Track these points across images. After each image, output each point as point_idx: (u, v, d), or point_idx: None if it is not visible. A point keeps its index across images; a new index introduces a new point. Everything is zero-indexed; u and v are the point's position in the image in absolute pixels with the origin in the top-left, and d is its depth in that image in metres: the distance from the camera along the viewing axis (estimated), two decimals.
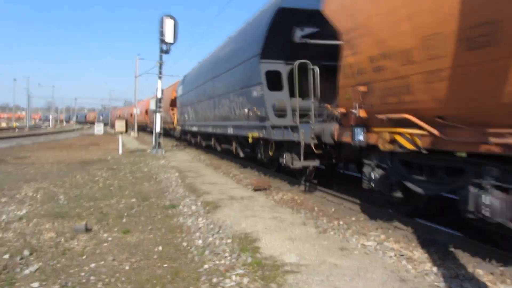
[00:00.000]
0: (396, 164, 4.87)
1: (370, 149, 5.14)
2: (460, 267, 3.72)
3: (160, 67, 18.00)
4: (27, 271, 3.48)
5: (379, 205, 5.85)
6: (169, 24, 16.63)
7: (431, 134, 3.98)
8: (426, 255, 4.02)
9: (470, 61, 3.42)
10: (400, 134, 4.35)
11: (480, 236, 4.37)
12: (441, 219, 5.29)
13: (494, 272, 3.58)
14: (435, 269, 3.62)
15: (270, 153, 8.69)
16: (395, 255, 3.99)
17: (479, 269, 3.65)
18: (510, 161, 3.49)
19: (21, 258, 3.78)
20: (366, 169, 5.39)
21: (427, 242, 4.44)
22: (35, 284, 3.22)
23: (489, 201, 3.51)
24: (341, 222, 5.37)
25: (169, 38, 16.73)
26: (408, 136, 4.26)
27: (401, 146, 4.34)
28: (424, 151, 4.17)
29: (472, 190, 3.70)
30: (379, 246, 4.26)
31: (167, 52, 17.21)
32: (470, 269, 3.66)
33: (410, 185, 4.66)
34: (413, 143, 4.20)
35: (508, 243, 3.97)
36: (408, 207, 5.34)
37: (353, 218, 5.63)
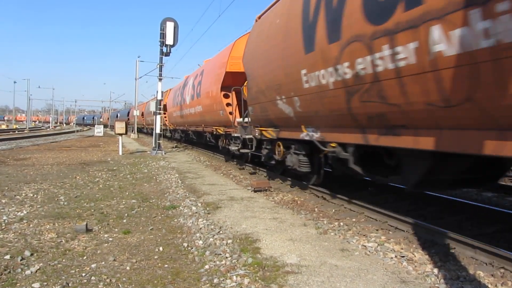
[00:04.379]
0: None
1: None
2: (461, 268, 3.72)
3: (161, 69, 18.05)
4: (28, 272, 3.48)
5: (379, 206, 5.85)
6: (169, 27, 16.69)
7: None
8: (427, 256, 4.02)
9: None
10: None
11: (480, 238, 4.38)
12: (441, 221, 5.29)
13: (495, 274, 3.58)
14: (436, 270, 3.62)
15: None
16: (395, 256, 3.99)
17: (480, 270, 3.65)
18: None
19: (22, 259, 3.77)
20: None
21: (428, 243, 4.44)
22: (36, 285, 3.22)
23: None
24: (341, 223, 5.38)
25: (169, 40, 16.78)
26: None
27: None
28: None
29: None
30: (380, 247, 4.26)
31: (167, 54, 17.25)
32: (471, 271, 3.66)
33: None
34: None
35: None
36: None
37: (354, 219, 5.63)
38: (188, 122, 18.60)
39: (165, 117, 25.75)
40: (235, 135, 10.99)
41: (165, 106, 24.81)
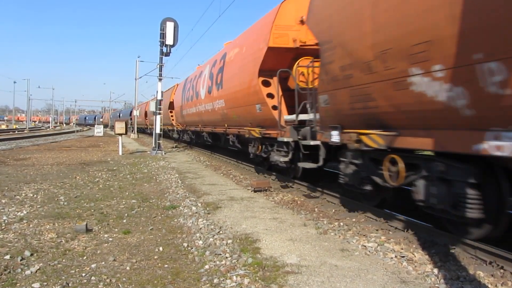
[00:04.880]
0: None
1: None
2: (461, 268, 3.72)
3: (160, 69, 18.06)
4: (28, 272, 3.48)
5: (377, 206, 5.85)
6: (169, 27, 16.69)
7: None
8: (427, 256, 4.02)
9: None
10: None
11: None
12: (441, 221, 5.29)
13: (494, 274, 3.58)
14: (436, 270, 3.62)
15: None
16: (395, 257, 3.99)
17: (480, 271, 3.65)
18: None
19: (22, 259, 3.77)
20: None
21: (428, 244, 4.44)
22: (36, 285, 3.22)
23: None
24: (341, 223, 5.38)
25: (169, 40, 16.79)
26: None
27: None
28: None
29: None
30: (380, 247, 4.27)
31: (167, 54, 17.26)
32: (471, 271, 3.66)
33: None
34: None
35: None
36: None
37: (354, 219, 5.63)
38: (203, 121, 15.22)
39: (171, 116, 23.03)
40: (284, 139, 7.54)
41: (171, 103, 22.48)
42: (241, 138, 11.33)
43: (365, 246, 4.33)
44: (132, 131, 35.67)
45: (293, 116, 7.38)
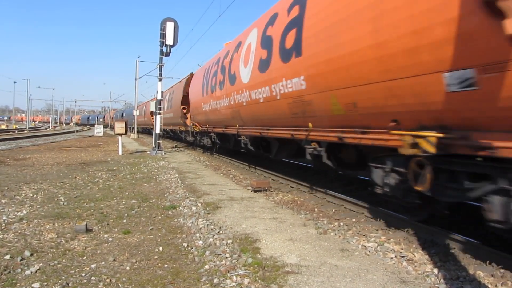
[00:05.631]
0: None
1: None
2: (461, 268, 3.72)
3: (161, 69, 18.06)
4: (28, 272, 3.48)
5: (380, 206, 5.85)
6: (169, 27, 16.71)
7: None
8: (426, 256, 4.02)
9: None
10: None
11: (480, 238, 4.38)
12: (442, 220, 5.29)
13: (494, 274, 3.58)
14: (435, 270, 3.62)
15: None
16: (395, 257, 3.99)
17: (480, 271, 3.65)
18: None
19: (22, 259, 3.77)
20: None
21: (428, 244, 4.45)
22: (36, 285, 3.22)
23: None
24: (341, 223, 5.38)
25: (169, 40, 16.81)
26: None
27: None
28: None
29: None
30: (380, 247, 4.27)
31: (167, 54, 17.27)
32: (471, 271, 3.66)
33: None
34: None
35: None
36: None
37: (354, 219, 5.64)
38: (241, 119, 9.81)
39: (185, 113, 18.38)
40: None
41: (185, 97, 17.79)
42: (337, 150, 6.43)
43: (365, 246, 4.33)
44: (132, 131, 35.66)
45: None
